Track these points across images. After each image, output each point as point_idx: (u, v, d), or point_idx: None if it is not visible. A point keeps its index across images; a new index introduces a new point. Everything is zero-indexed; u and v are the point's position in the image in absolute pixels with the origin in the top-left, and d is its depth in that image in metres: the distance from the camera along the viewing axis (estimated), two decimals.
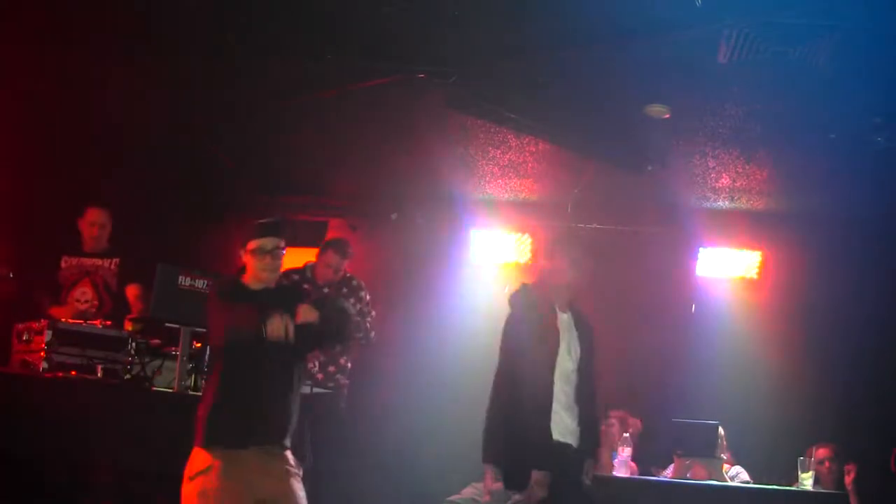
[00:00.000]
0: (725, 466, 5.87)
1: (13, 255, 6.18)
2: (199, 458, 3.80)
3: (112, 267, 5.91)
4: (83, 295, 5.83)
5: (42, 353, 5.01)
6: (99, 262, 5.90)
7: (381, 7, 4.40)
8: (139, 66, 5.22)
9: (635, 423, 6.33)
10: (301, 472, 4.05)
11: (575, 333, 4.42)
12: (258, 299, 4.01)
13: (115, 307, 5.76)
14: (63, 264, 5.90)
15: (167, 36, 4.87)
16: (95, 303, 5.83)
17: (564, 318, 4.40)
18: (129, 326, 5.19)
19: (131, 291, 5.81)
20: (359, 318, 6.52)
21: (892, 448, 5.87)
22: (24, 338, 5.14)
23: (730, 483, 5.75)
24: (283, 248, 4.17)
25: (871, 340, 6.60)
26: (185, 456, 3.83)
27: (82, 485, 4.50)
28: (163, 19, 4.68)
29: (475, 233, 7.64)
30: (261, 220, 4.17)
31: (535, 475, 4.17)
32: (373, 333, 6.64)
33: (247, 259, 4.17)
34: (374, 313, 6.71)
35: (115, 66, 5.20)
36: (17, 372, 5.10)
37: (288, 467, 3.93)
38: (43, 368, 5.01)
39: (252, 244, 4.12)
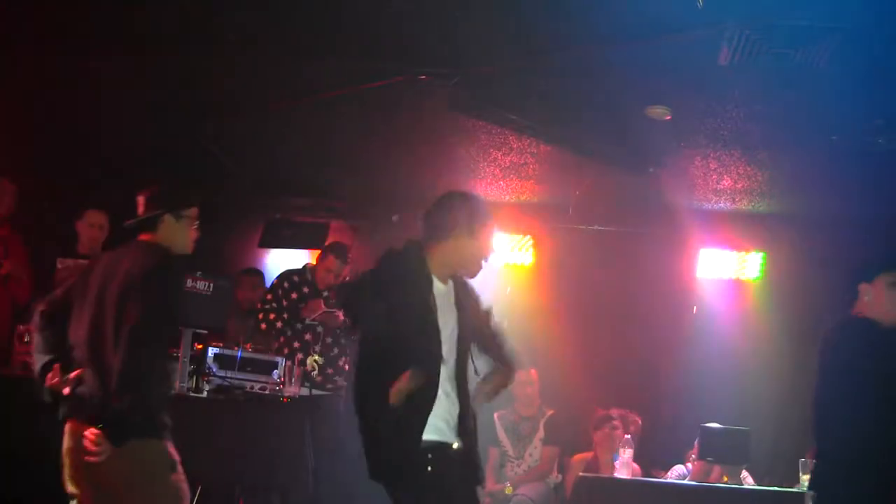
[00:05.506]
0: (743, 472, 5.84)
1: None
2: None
3: None
4: None
5: None
6: None
7: (383, 8, 4.40)
8: (140, 65, 5.22)
9: (635, 420, 6.33)
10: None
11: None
12: None
13: None
14: (59, 265, 5.89)
15: (168, 35, 4.86)
16: None
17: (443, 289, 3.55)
18: None
19: None
20: None
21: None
22: (26, 339, 5.14)
23: (730, 484, 5.74)
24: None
25: None
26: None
27: None
28: (163, 18, 4.68)
29: None
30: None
31: None
32: None
33: None
34: None
35: (115, 65, 5.19)
36: (19, 374, 5.10)
37: None
38: None
39: None
